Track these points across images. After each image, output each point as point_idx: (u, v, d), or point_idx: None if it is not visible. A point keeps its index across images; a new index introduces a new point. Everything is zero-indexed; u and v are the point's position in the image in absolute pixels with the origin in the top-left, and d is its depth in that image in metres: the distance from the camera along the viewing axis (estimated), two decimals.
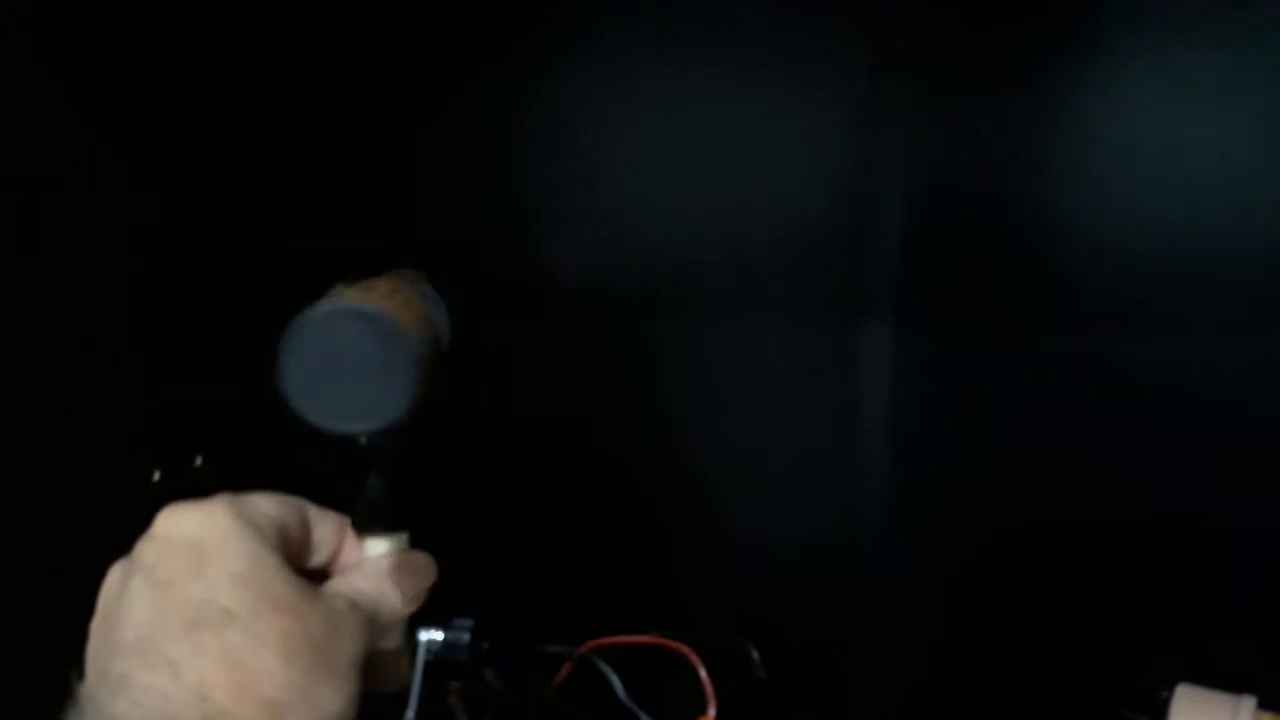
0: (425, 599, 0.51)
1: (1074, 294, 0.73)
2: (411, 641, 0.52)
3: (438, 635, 0.53)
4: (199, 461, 0.70)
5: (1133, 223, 0.71)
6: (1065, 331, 0.73)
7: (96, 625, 0.44)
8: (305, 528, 0.49)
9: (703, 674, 0.69)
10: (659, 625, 0.72)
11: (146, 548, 0.45)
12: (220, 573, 0.43)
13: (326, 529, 0.50)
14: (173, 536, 0.44)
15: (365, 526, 0.51)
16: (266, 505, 0.47)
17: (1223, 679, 0.63)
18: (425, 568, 0.51)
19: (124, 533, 0.46)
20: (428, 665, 0.53)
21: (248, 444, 0.71)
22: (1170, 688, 0.63)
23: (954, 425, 0.76)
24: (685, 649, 0.71)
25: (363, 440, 0.49)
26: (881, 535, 0.79)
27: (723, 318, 0.75)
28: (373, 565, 0.50)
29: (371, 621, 0.47)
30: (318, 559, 0.50)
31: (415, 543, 0.53)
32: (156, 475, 0.67)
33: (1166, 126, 0.69)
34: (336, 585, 0.48)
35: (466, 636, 0.53)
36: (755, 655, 0.75)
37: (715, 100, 0.75)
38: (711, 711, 0.69)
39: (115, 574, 0.45)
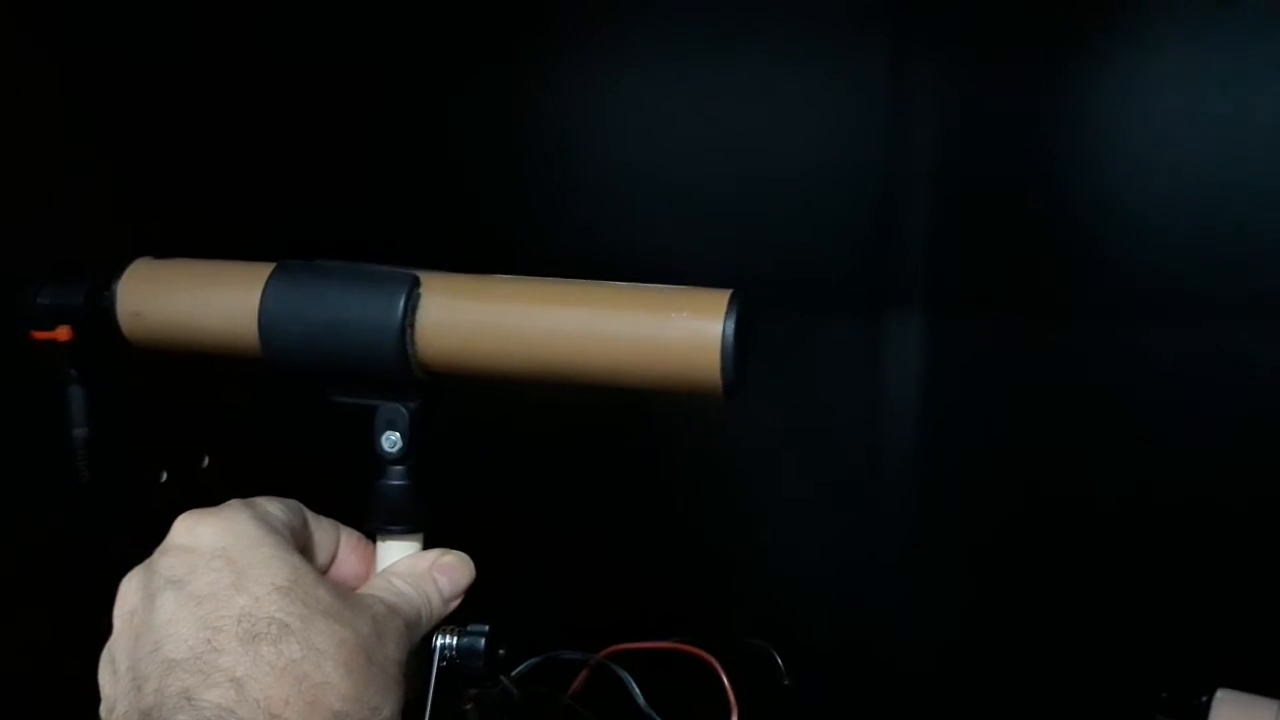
0: (463, 599, 0.50)
1: (1104, 280, 0.71)
2: (427, 647, 0.50)
3: (452, 640, 0.51)
4: (206, 462, 0.69)
5: (1163, 208, 0.70)
6: (1095, 317, 0.72)
7: (129, 643, 0.42)
8: (307, 530, 0.49)
9: (725, 680, 0.68)
10: (679, 630, 0.71)
11: (171, 560, 0.43)
12: (262, 585, 0.42)
13: (323, 531, 0.50)
14: (198, 548, 0.43)
15: (381, 527, 0.51)
16: (275, 509, 0.47)
17: (1265, 683, 0.61)
18: (464, 567, 0.51)
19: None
20: (442, 671, 0.51)
21: (255, 444, 0.70)
22: (1209, 692, 0.61)
23: (982, 415, 0.75)
24: (706, 655, 0.69)
25: None
26: (905, 535, 0.77)
27: None
28: (411, 566, 0.50)
29: (411, 624, 0.47)
30: (319, 562, 0.50)
31: (431, 546, 0.52)
32: (164, 476, 0.66)
33: (1201, 109, 0.67)
34: (374, 588, 0.48)
35: (482, 642, 0.51)
36: (779, 661, 0.73)
37: (739, 92, 0.74)
38: (734, 718, 0.67)
39: (133, 586, 0.44)
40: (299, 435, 0.67)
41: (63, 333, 0.55)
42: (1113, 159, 0.70)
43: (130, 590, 0.43)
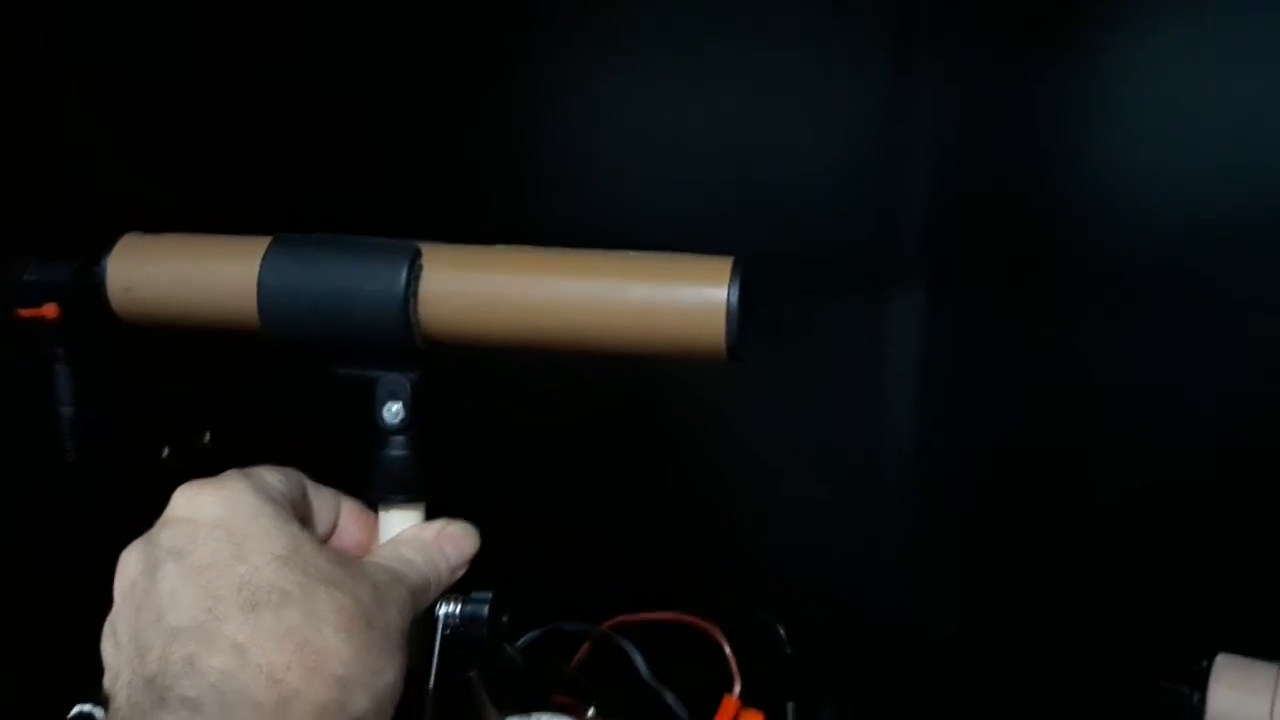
0: (468, 567, 0.50)
1: (1106, 277, 0.71)
2: (431, 615, 0.50)
3: (456, 608, 0.51)
4: (207, 437, 0.69)
5: (1164, 187, 0.69)
6: (1095, 316, 0.72)
7: (131, 614, 0.42)
8: (306, 500, 0.49)
9: (728, 651, 0.68)
10: (682, 602, 0.71)
11: (172, 531, 0.43)
12: (262, 554, 0.42)
13: (323, 500, 0.50)
14: (198, 519, 0.43)
15: (384, 497, 0.51)
16: (274, 479, 0.47)
17: (1264, 647, 0.61)
18: (469, 537, 0.51)
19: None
20: (445, 639, 0.52)
21: (255, 418, 0.70)
22: (1209, 656, 0.61)
23: (982, 394, 0.75)
24: (709, 626, 0.69)
25: None
26: (908, 508, 0.77)
27: None
28: (417, 535, 0.50)
29: (415, 592, 0.47)
30: (319, 531, 0.50)
31: (436, 516, 0.52)
32: (165, 451, 0.66)
33: (1199, 88, 0.67)
34: (380, 556, 0.48)
35: (486, 609, 0.51)
36: (781, 632, 0.74)
37: (742, 72, 0.73)
38: (737, 689, 0.67)
39: (134, 558, 0.44)
40: (298, 408, 0.67)
41: (49, 310, 0.54)
42: (1114, 155, 0.69)
43: (131, 562, 0.44)
